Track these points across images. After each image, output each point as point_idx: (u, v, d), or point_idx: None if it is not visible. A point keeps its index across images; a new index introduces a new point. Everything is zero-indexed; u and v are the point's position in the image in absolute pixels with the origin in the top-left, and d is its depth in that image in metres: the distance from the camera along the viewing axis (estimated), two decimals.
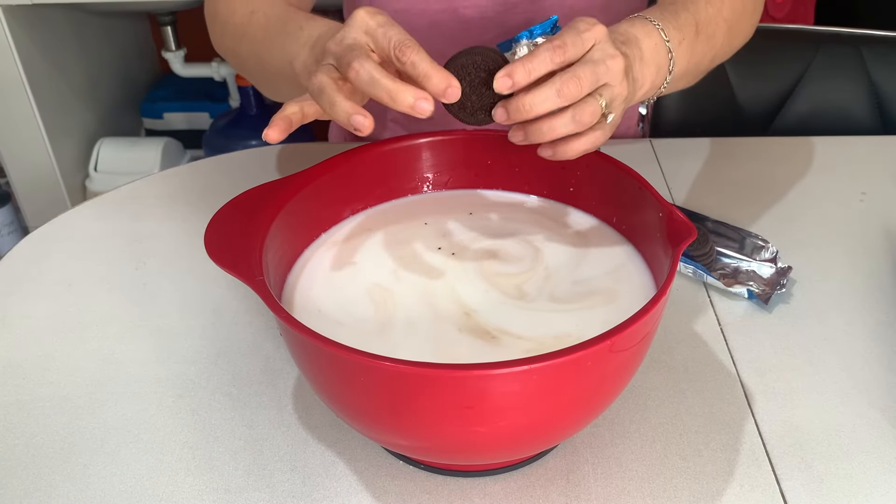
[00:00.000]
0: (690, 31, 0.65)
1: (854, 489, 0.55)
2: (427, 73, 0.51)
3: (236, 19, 0.72)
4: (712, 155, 0.94)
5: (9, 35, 1.60)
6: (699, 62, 0.68)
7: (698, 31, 0.66)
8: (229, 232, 0.54)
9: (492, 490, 0.56)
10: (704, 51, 0.68)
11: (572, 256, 0.62)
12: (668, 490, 0.55)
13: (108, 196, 0.88)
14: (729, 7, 0.70)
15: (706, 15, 0.67)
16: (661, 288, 0.49)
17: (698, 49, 0.67)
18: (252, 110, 1.94)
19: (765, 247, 0.74)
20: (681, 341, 0.68)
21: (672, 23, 0.63)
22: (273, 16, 0.68)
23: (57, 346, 0.69)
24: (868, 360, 0.66)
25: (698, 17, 0.66)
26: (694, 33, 0.65)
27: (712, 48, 0.69)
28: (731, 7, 0.70)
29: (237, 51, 0.74)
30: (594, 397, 0.51)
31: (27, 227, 1.86)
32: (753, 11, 0.75)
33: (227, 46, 0.76)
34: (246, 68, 0.75)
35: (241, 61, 0.74)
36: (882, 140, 0.98)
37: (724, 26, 0.70)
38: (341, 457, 0.58)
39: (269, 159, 0.93)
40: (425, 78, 0.51)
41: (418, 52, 0.52)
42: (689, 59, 0.66)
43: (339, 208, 0.65)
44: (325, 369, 0.49)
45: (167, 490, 0.56)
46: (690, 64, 0.66)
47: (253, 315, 0.71)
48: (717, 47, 0.70)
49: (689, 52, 0.65)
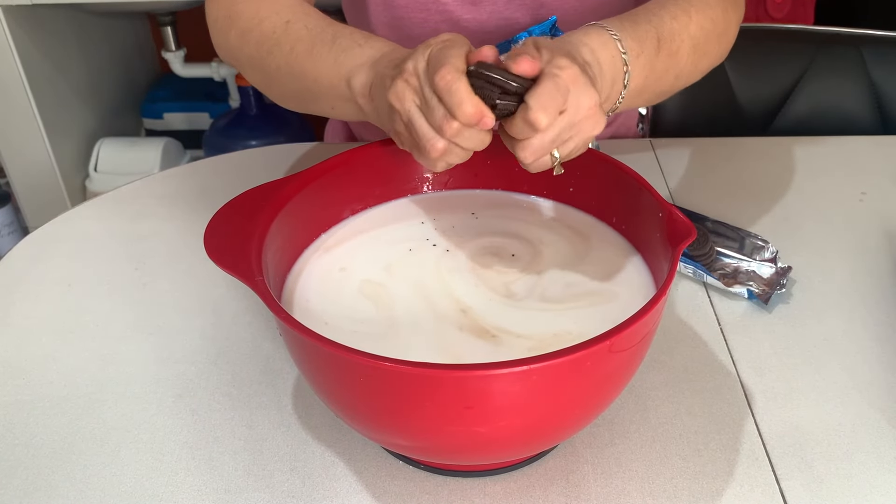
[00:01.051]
0: (650, 45, 0.62)
1: (854, 489, 0.55)
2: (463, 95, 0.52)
3: (265, 28, 0.67)
4: (712, 155, 0.94)
5: (9, 35, 1.60)
6: (660, 78, 0.65)
7: (660, 46, 0.63)
8: (229, 232, 0.54)
9: (492, 490, 0.56)
10: (666, 67, 0.65)
11: (572, 256, 0.62)
12: (668, 490, 0.55)
13: (108, 196, 0.88)
14: (696, 24, 0.66)
15: (669, 30, 0.64)
16: (661, 288, 0.49)
17: (658, 65, 0.64)
18: (252, 110, 1.94)
19: (765, 247, 0.74)
20: (681, 341, 0.68)
21: (631, 34, 0.61)
22: (316, 28, 0.65)
23: (57, 346, 0.69)
24: (868, 360, 0.66)
25: (661, 31, 0.63)
26: (654, 48, 0.63)
27: (675, 65, 0.66)
28: (699, 24, 0.67)
29: (264, 62, 0.68)
30: (594, 397, 0.51)
31: (27, 227, 1.86)
32: (724, 32, 0.71)
33: (247, 55, 0.70)
34: (273, 80, 0.69)
35: (267, 73, 0.69)
36: (882, 140, 0.98)
37: (689, 43, 0.66)
38: (341, 457, 0.58)
39: (269, 159, 0.93)
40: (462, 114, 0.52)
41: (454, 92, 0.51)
42: (648, 75, 0.63)
43: (339, 208, 0.65)
44: (325, 369, 0.49)
45: (167, 490, 0.56)
46: (649, 80, 0.64)
47: (253, 315, 0.71)
48: (680, 65, 0.66)
49: (647, 66, 0.62)
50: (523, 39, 0.65)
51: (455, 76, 0.50)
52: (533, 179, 0.67)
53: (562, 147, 0.53)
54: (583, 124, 0.53)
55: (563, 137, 0.53)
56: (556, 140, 0.52)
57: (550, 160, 0.54)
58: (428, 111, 0.53)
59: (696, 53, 0.67)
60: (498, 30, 0.83)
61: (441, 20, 0.84)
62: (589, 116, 0.53)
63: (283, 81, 0.68)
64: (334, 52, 0.62)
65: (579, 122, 0.52)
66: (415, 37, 0.85)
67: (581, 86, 0.52)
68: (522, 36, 0.66)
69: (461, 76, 0.50)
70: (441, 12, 0.83)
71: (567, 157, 0.55)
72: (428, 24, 0.84)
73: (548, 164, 0.54)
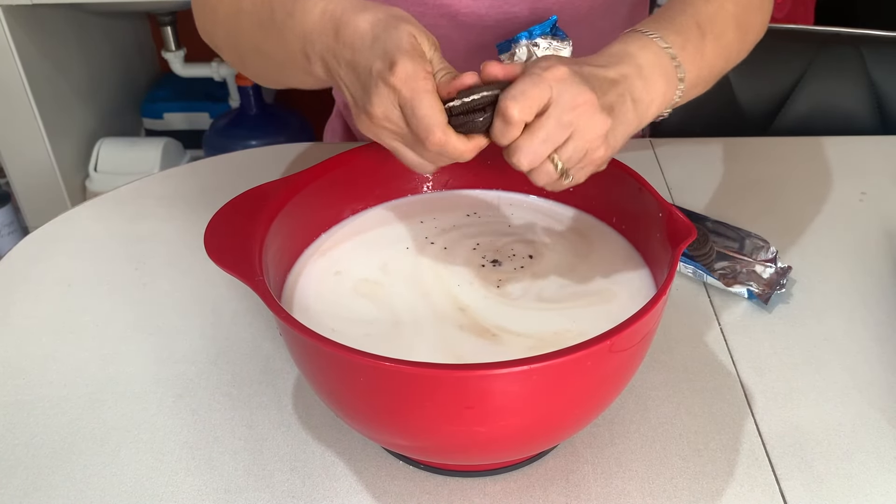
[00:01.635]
0: (693, 34, 0.61)
1: (854, 489, 0.55)
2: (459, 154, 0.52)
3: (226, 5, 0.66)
4: (712, 155, 0.94)
5: (9, 35, 1.60)
6: (713, 65, 0.63)
7: (703, 33, 0.62)
8: (229, 232, 0.54)
9: (492, 490, 0.56)
10: (716, 52, 0.63)
11: (572, 256, 0.62)
12: (668, 490, 0.55)
13: (108, 196, 0.88)
14: (732, 1, 0.65)
15: (707, 14, 0.63)
16: (661, 288, 0.49)
17: (707, 51, 0.62)
18: (252, 110, 1.93)
19: (765, 247, 0.74)
20: (681, 341, 0.68)
21: (669, 29, 0.60)
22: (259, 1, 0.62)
23: (57, 346, 0.69)
24: (868, 360, 0.66)
25: (699, 17, 0.62)
26: (698, 35, 0.61)
27: (724, 47, 0.64)
28: (735, 0, 0.66)
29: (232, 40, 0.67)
30: (594, 397, 0.51)
31: (27, 227, 1.86)
32: (761, 5, 0.70)
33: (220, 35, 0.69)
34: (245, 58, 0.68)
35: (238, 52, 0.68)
36: (882, 140, 0.98)
37: (732, 22, 0.65)
38: (341, 457, 0.58)
39: (269, 159, 0.93)
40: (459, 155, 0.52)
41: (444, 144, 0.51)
42: (701, 64, 0.61)
43: (339, 208, 0.65)
44: (325, 369, 0.49)
45: (167, 490, 0.56)
46: (703, 69, 0.62)
47: (253, 315, 0.71)
48: (729, 45, 0.65)
49: (697, 55, 0.61)
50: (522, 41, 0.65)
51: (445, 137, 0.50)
52: None
53: (561, 151, 0.51)
54: (578, 123, 0.51)
55: (556, 138, 0.51)
56: (547, 140, 0.50)
57: (554, 170, 0.52)
58: (416, 146, 0.53)
59: (740, 30, 0.66)
60: (497, 24, 0.83)
61: (439, 14, 0.83)
62: (582, 113, 0.51)
63: (252, 59, 0.66)
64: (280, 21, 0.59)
65: (572, 120, 0.50)
66: None
67: (569, 83, 0.51)
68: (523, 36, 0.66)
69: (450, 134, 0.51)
70: (439, 6, 0.82)
71: (572, 165, 0.52)
72: (426, 17, 0.84)
73: (553, 174, 0.52)
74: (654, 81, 0.57)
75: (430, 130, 0.50)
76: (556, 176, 0.53)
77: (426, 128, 0.50)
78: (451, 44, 0.85)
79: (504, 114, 0.50)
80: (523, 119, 0.50)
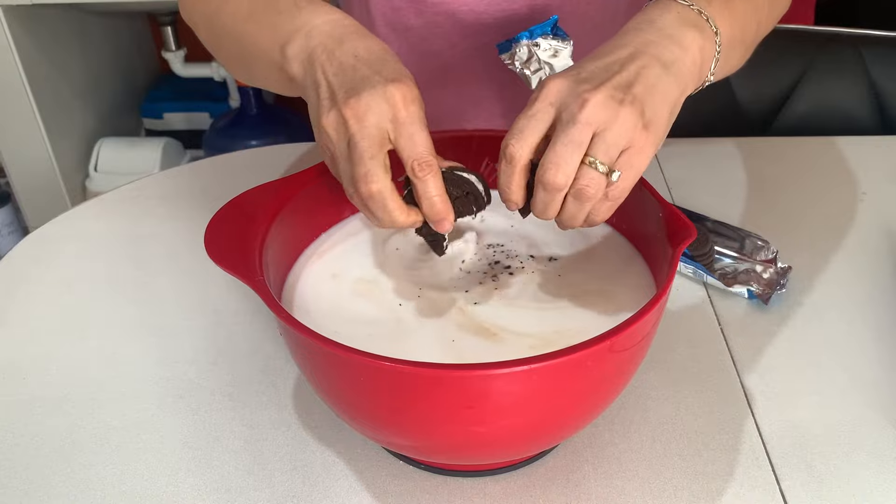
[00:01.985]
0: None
1: (854, 489, 0.55)
2: (433, 200, 0.52)
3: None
4: (712, 155, 0.94)
5: (9, 35, 1.60)
6: (745, 27, 0.59)
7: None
8: (229, 232, 0.54)
9: (492, 490, 0.56)
10: (746, 11, 0.59)
11: (572, 256, 0.62)
12: (668, 490, 0.55)
13: (108, 196, 0.88)
14: None
15: None
16: (661, 288, 0.49)
17: (738, 7, 0.57)
18: (252, 110, 1.93)
19: (765, 247, 0.74)
20: (681, 341, 0.68)
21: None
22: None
23: (57, 346, 0.69)
24: (868, 360, 0.66)
25: None
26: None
27: (756, 10, 0.60)
28: None
29: (211, 21, 0.65)
30: (594, 397, 0.51)
31: (27, 227, 1.86)
32: None
33: (200, 12, 0.67)
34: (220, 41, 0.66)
35: (214, 33, 0.66)
36: (882, 140, 0.98)
37: None
38: (341, 457, 0.58)
39: (269, 159, 0.93)
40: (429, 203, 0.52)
41: (435, 176, 0.51)
42: (732, 20, 0.57)
43: (339, 208, 0.65)
44: (325, 369, 0.49)
45: (167, 490, 0.56)
46: (735, 28, 0.57)
47: (253, 315, 0.71)
48: (760, 9, 0.61)
49: (726, 10, 0.56)
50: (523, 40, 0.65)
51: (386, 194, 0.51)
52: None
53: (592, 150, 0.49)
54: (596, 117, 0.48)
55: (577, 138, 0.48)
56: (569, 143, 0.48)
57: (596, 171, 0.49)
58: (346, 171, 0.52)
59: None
60: (495, 22, 0.83)
61: (437, 12, 0.83)
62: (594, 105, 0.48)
63: (227, 43, 0.65)
64: (272, 14, 0.59)
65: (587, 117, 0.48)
66: (411, 27, 0.85)
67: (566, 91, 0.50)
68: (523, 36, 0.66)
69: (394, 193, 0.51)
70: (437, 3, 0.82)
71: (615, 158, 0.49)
72: (424, 16, 0.84)
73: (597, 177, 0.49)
74: (685, 35, 0.53)
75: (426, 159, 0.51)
76: (602, 179, 0.49)
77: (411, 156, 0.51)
78: (450, 44, 0.85)
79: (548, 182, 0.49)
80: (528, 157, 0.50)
